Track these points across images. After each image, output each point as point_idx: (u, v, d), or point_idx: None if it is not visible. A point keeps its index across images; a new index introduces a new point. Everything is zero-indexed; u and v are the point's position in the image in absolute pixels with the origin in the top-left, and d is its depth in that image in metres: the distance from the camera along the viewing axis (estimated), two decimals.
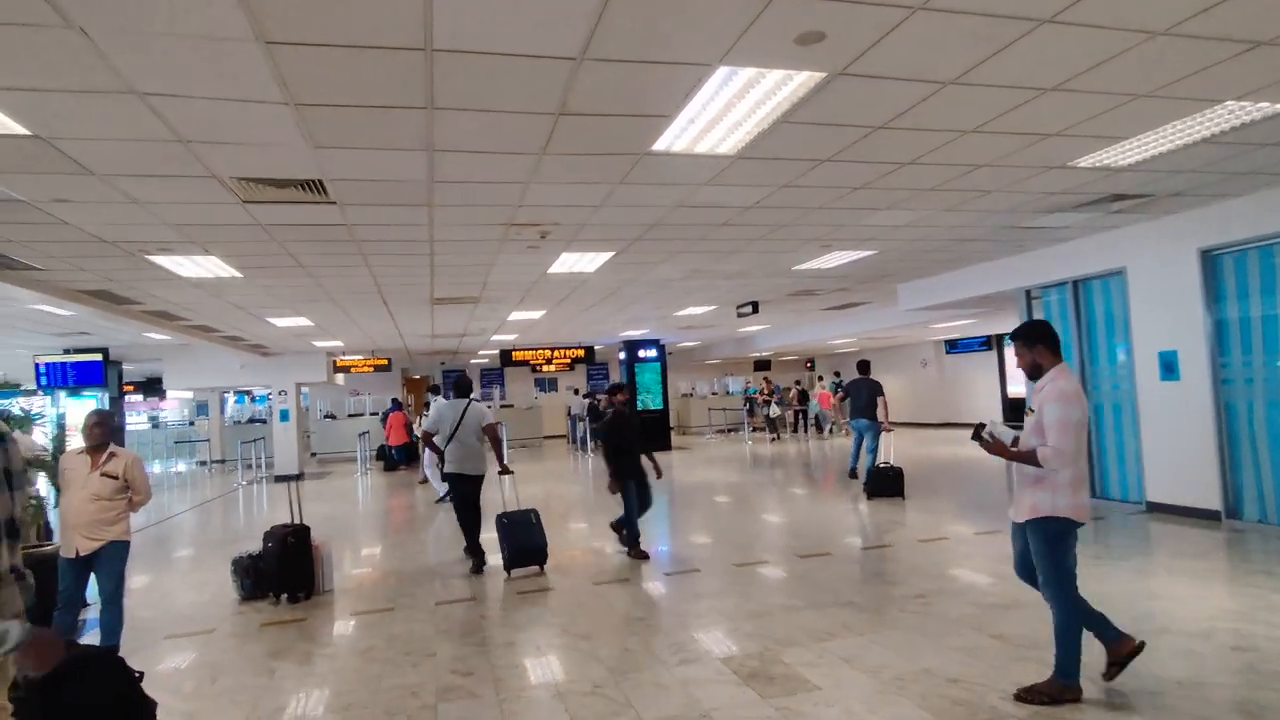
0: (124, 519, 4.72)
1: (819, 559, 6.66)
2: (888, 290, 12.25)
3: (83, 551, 4.54)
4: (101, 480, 4.57)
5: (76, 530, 4.53)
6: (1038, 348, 3.61)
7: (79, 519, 4.53)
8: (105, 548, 4.57)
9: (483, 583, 6.46)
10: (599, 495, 11.49)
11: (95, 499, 4.54)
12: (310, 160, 4.41)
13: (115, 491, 4.61)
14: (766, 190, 5.72)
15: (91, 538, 4.54)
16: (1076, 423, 3.37)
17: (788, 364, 29.46)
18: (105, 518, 4.57)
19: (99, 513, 4.55)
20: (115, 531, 4.62)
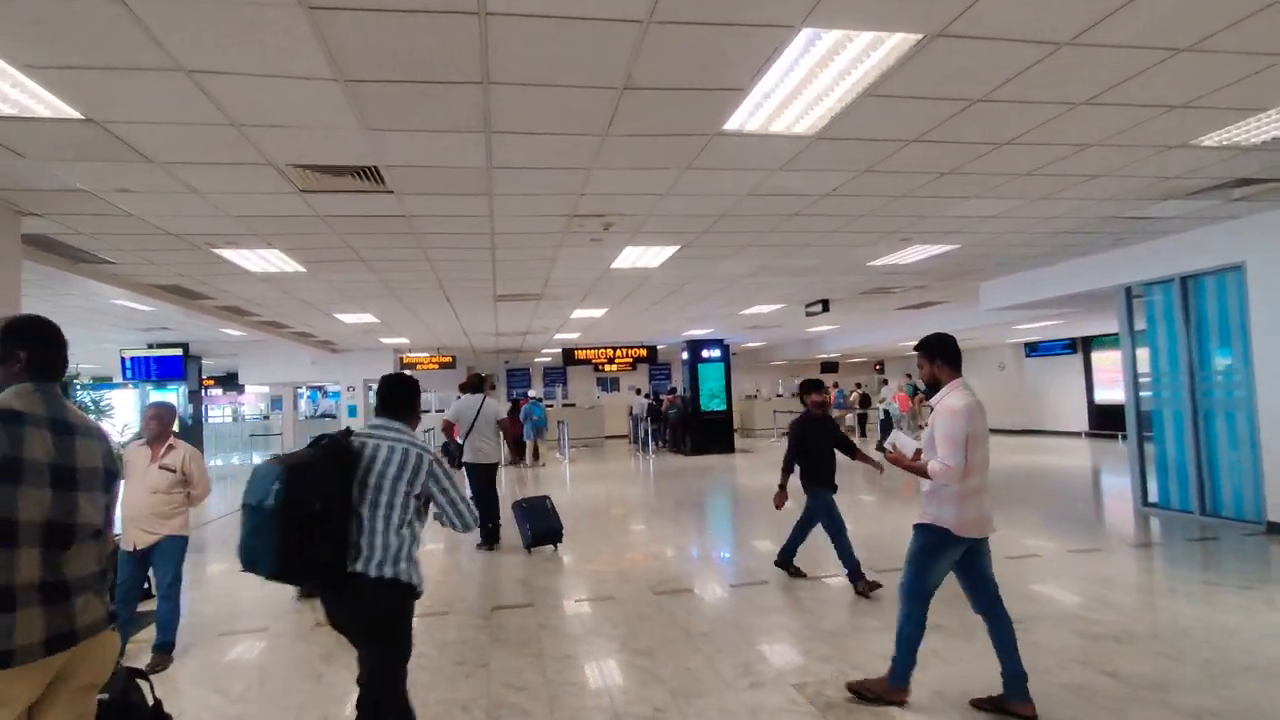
0: (181, 513, 4.66)
1: (896, 574, 6.16)
2: (968, 289, 11.57)
3: (139, 545, 4.50)
4: (159, 473, 4.52)
5: (134, 523, 4.49)
6: (937, 361, 3.64)
7: (137, 511, 4.49)
8: (162, 542, 4.52)
9: (541, 588, 6.21)
10: (661, 497, 11.19)
11: (153, 492, 4.49)
12: (365, 144, 4.23)
13: (172, 485, 4.55)
14: (844, 176, 5.30)
15: (148, 531, 4.49)
16: (962, 438, 3.40)
17: (856, 366, 28.58)
18: (162, 511, 4.51)
19: (156, 506, 4.50)
20: (172, 526, 4.56)
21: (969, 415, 3.45)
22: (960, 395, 3.52)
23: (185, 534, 4.71)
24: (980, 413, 3.54)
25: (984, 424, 3.55)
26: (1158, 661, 4.07)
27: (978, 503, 3.52)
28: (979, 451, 3.49)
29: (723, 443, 18.61)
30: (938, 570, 3.63)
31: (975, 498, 3.51)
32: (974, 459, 3.45)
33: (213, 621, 5.68)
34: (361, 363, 18.61)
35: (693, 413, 18.86)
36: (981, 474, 3.54)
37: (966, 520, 3.49)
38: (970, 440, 3.43)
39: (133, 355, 15.51)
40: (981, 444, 3.52)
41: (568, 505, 10.66)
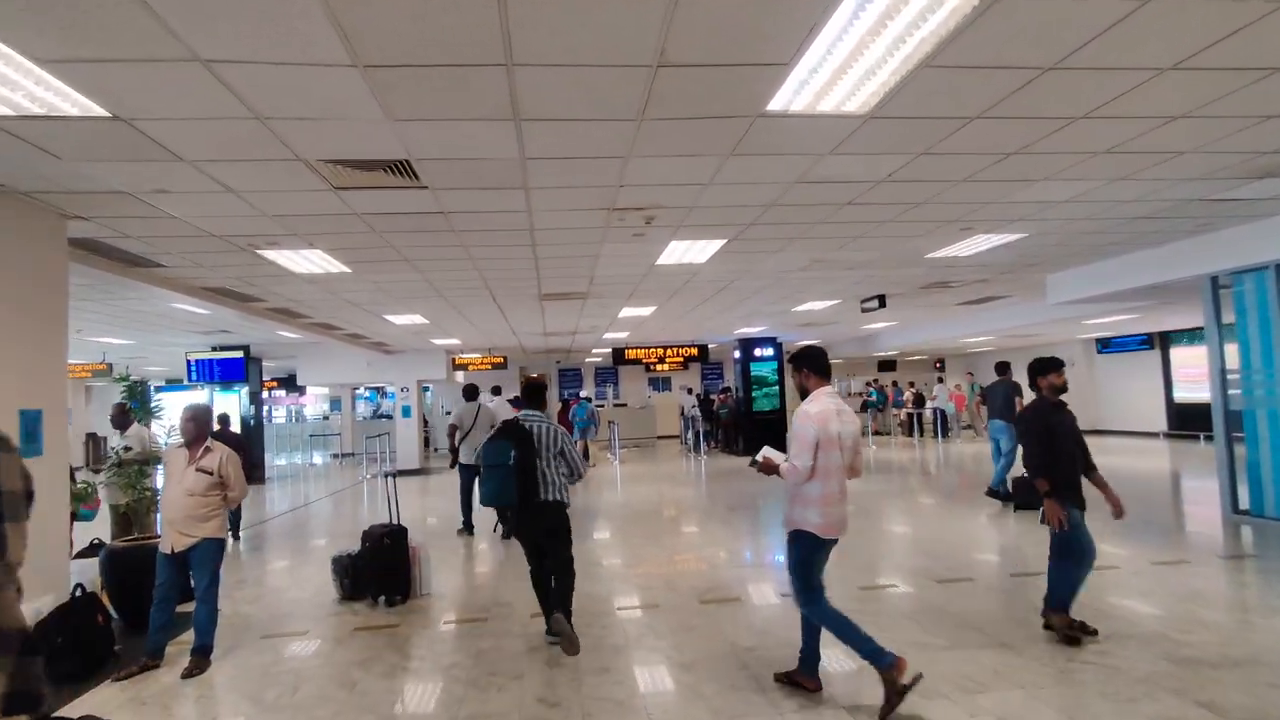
0: (218, 516, 4.63)
1: (959, 585, 5.80)
2: (1033, 282, 10.95)
3: (177, 548, 4.48)
4: (196, 476, 4.50)
5: (172, 525, 4.48)
6: (804, 370, 3.87)
7: (174, 514, 4.48)
8: (198, 545, 4.49)
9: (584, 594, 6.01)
10: (713, 500, 10.90)
11: (189, 494, 4.47)
12: (392, 136, 4.09)
13: (209, 487, 4.52)
14: (900, 160, 4.95)
15: (185, 533, 4.47)
16: (811, 441, 3.59)
17: (914, 365, 27.69)
18: (198, 514, 4.48)
19: (193, 508, 4.47)
20: (208, 529, 4.53)
21: (821, 420, 3.65)
22: (818, 402, 3.74)
23: (221, 537, 4.67)
24: (837, 419, 3.69)
25: (844, 429, 3.71)
26: (1262, 692, 3.63)
27: (839, 506, 3.72)
28: (832, 455, 3.66)
29: (777, 443, 18.08)
30: (817, 570, 3.85)
31: (837, 502, 3.71)
32: (825, 462, 3.64)
33: (257, 623, 5.66)
34: (415, 364, 18.80)
35: (745, 412, 18.49)
36: (839, 478, 3.71)
37: (830, 523, 3.70)
38: (822, 444, 3.62)
39: (197, 358, 15.95)
40: (835, 448, 3.67)
41: (616, 508, 10.48)
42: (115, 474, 6.51)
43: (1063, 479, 4.56)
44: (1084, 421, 14.55)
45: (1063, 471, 4.57)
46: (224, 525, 4.70)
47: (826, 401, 3.74)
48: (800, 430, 3.66)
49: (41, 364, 5.08)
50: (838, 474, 3.69)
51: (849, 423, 3.77)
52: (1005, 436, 9.35)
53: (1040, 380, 4.82)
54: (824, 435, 3.63)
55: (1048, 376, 4.79)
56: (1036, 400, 4.84)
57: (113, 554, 5.63)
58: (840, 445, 3.69)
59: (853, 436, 3.77)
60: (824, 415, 3.67)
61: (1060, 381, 4.79)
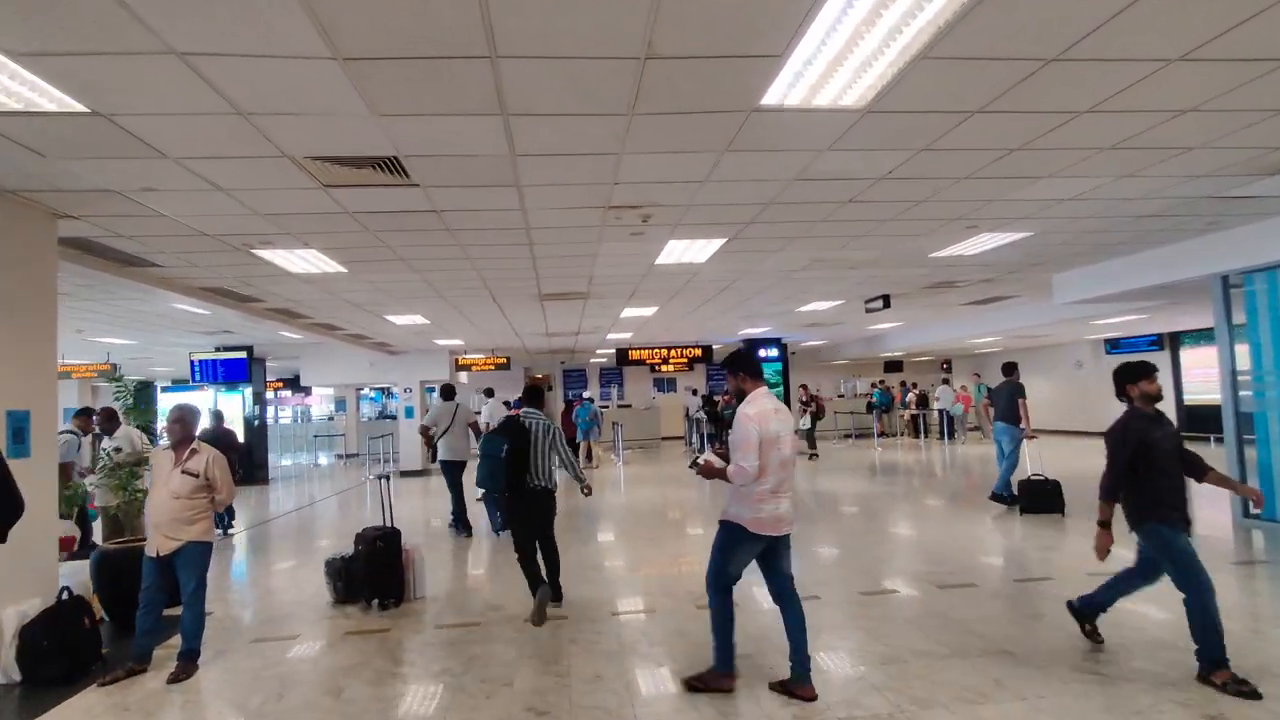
0: (204, 519, 4.56)
1: (962, 591, 5.68)
2: (1040, 282, 10.81)
3: (162, 551, 4.42)
4: (182, 478, 4.42)
5: (158, 529, 4.42)
6: (740, 374, 3.98)
7: (160, 516, 4.41)
8: (184, 548, 4.42)
9: (579, 598, 5.92)
10: (715, 501, 10.79)
11: (175, 497, 4.40)
12: (379, 133, 4.01)
13: (195, 490, 4.44)
14: (901, 156, 4.85)
15: (171, 537, 4.40)
16: (754, 442, 3.69)
17: (921, 365, 27.52)
18: (184, 517, 4.41)
19: (178, 511, 4.40)
20: (194, 531, 4.46)
21: (760, 420, 3.73)
22: (755, 404, 3.83)
23: (208, 540, 4.60)
24: (774, 418, 3.78)
25: (780, 428, 3.79)
26: (1275, 705, 3.51)
27: (774, 504, 3.79)
28: (773, 454, 3.74)
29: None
30: (737, 563, 3.89)
31: (772, 499, 3.78)
32: (767, 461, 3.72)
33: (248, 626, 5.59)
34: (418, 364, 18.76)
35: None
36: (778, 475, 3.78)
37: (762, 519, 3.78)
38: (764, 443, 3.71)
39: (200, 358, 15.94)
40: (775, 447, 3.75)
41: (618, 510, 10.38)
42: (106, 476, 6.46)
43: (1156, 498, 4.06)
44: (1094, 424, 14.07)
45: (1162, 492, 4.05)
46: (211, 528, 4.62)
47: (764, 402, 3.85)
48: (743, 432, 3.74)
49: (30, 364, 5.03)
50: (775, 472, 3.78)
51: (785, 421, 3.88)
52: (1008, 439, 9.21)
53: (1130, 388, 4.17)
54: (765, 434, 3.73)
55: (1138, 384, 4.14)
56: (1129, 412, 4.17)
57: (103, 556, 5.57)
58: (779, 443, 3.79)
59: (790, 434, 3.89)
60: (763, 415, 3.77)
61: (1154, 389, 4.15)
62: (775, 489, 3.79)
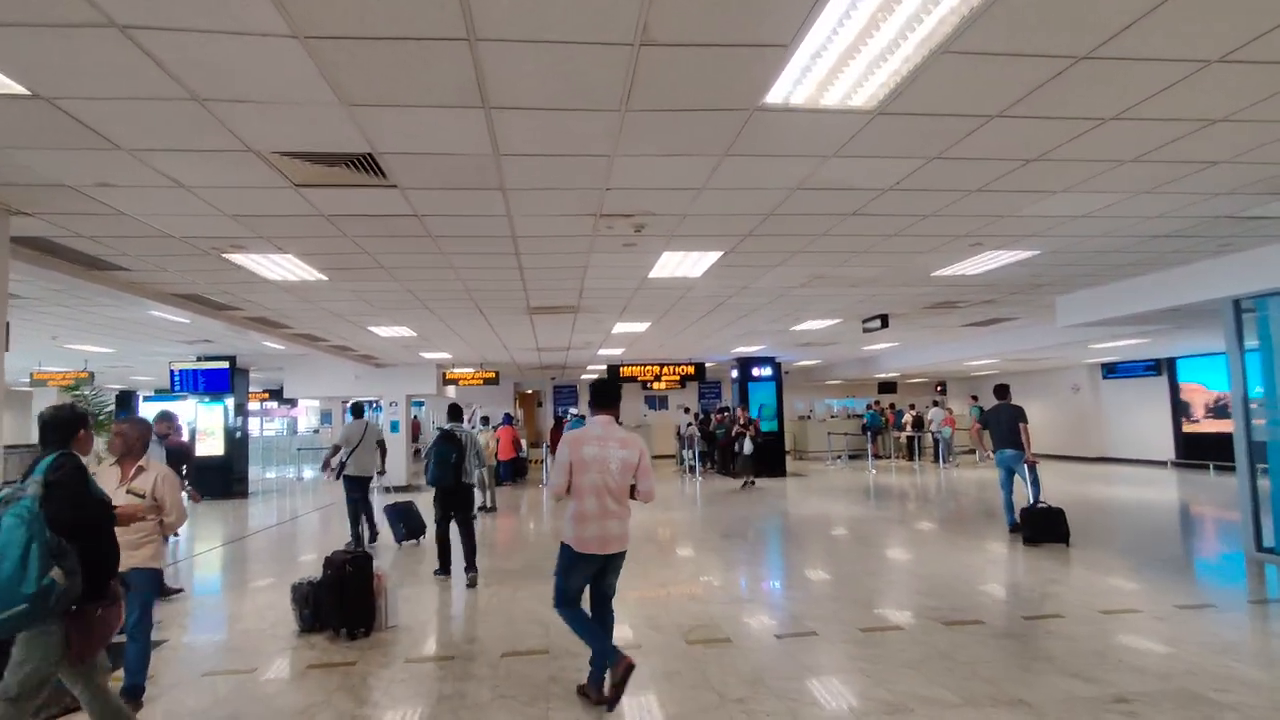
0: (151, 543, 4.16)
1: (968, 629, 5.33)
2: (1041, 304, 10.57)
3: None
4: (126, 498, 4.03)
5: None
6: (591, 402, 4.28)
7: None
8: (128, 575, 4.01)
9: (561, 631, 5.54)
10: (706, 526, 10.43)
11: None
12: (350, 126, 3.70)
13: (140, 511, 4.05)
14: (911, 165, 4.56)
15: None
16: (565, 464, 4.00)
17: (916, 387, 27.28)
18: (128, 540, 4.00)
19: (121, 534, 3.99)
20: (140, 557, 4.06)
21: (575, 444, 4.02)
22: (583, 429, 4.14)
23: (155, 566, 4.21)
24: (595, 444, 4.03)
25: (605, 453, 4.02)
26: None
27: (595, 524, 4.00)
28: (585, 476, 3.98)
29: (774, 465, 17.72)
30: (573, 580, 4.09)
31: (591, 520, 4.00)
32: (579, 482, 3.99)
33: (200, 657, 5.20)
34: (405, 378, 18.38)
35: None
36: (595, 497, 3.99)
37: (583, 538, 4.00)
38: (575, 466, 3.99)
39: (181, 368, 15.54)
40: (589, 471, 3.98)
41: None
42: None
43: None
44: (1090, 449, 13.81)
45: None
46: (159, 553, 4.23)
47: (591, 428, 4.12)
48: (558, 454, 4.08)
49: None
50: (592, 494, 3.98)
51: (615, 449, 4.04)
52: (1018, 464, 8.87)
53: None
54: (575, 458, 3.99)
55: None
56: None
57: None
58: (597, 468, 3.98)
59: (620, 461, 4.03)
60: (579, 440, 4.04)
61: None
62: (598, 511, 4.00)
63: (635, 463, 4.10)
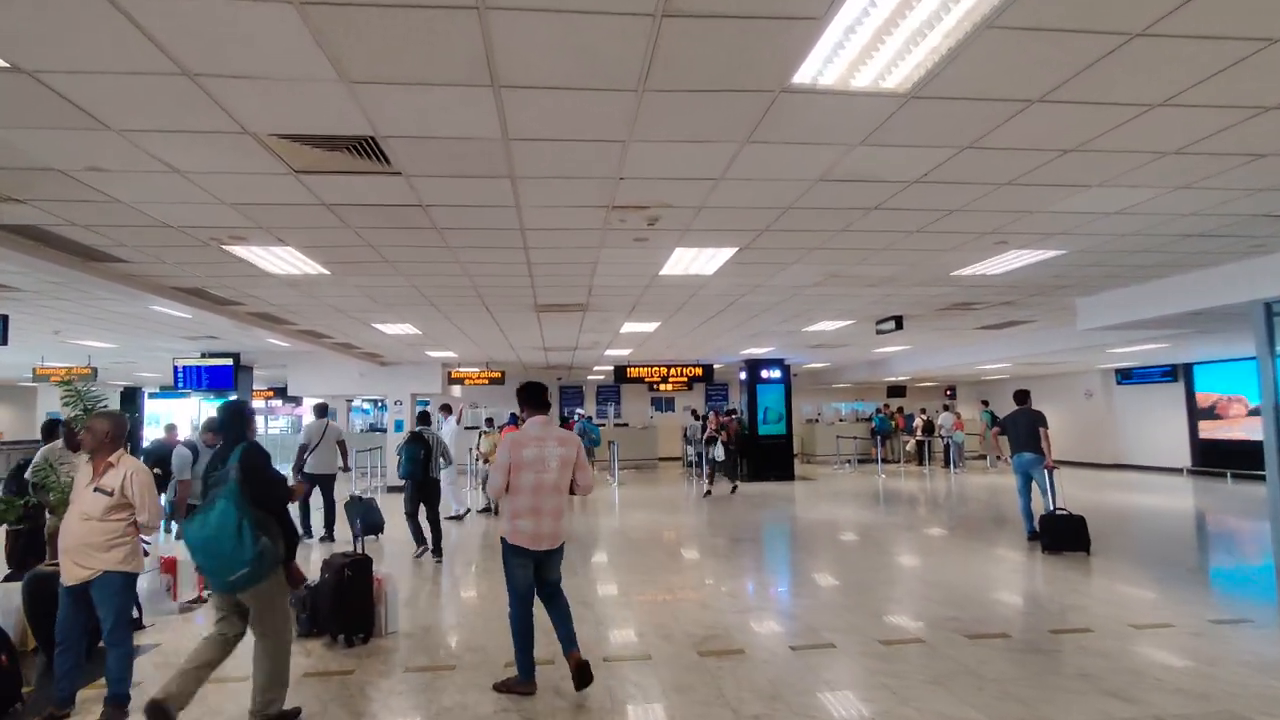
0: (123, 544, 3.90)
1: (993, 642, 5.10)
2: (1061, 306, 10.30)
3: (69, 580, 3.81)
4: (93, 496, 3.82)
5: (66, 554, 3.81)
6: (521, 403, 4.49)
7: (68, 540, 3.81)
8: (99, 579, 3.80)
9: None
10: (714, 530, 10.19)
11: (85, 518, 3.80)
12: (351, 105, 3.49)
13: (109, 510, 3.83)
14: (940, 155, 4.34)
15: (81, 564, 3.79)
16: (504, 464, 4.21)
17: (925, 391, 26.99)
18: (96, 541, 3.80)
19: (90, 535, 3.80)
20: (109, 560, 3.83)
21: (511, 446, 4.25)
22: (520, 429, 4.36)
23: (126, 569, 3.93)
24: (530, 444, 4.24)
25: (543, 452, 4.23)
26: None
27: (529, 521, 4.21)
28: (522, 475, 4.19)
29: (782, 469, 17.49)
30: (516, 575, 4.27)
31: (525, 516, 4.20)
32: (516, 481, 4.19)
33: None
34: (409, 376, 18.20)
35: (750, 436, 17.81)
36: (531, 497, 4.20)
37: (518, 533, 4.21)
38: (513, 465, 4.20)
39: (185, 364, 15.38)
40: (526, 470, 4.19)
41: (611, 536, 9.78)
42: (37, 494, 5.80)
43: None
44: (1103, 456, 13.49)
45: None
46: (134, 555, 3.97)
47: (528, 429, 4.33)
48: (498, 454, 4.31)
49: None
50: (528, 493, 4.19)
51: (554, 446, 4.27)
52: (1039, 470, 8.62)
53: None
54: (515, 458, 4.20)
55: None
56: None
57: (36, 579, 4.96)
58: (534, 468, 4.20)
59: (560, 458, 4.26)
60: (518, 441, 4.25)
61: None
62: (532, 508, 4.20)
63: (574, 458, 4.32)
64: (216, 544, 3.52)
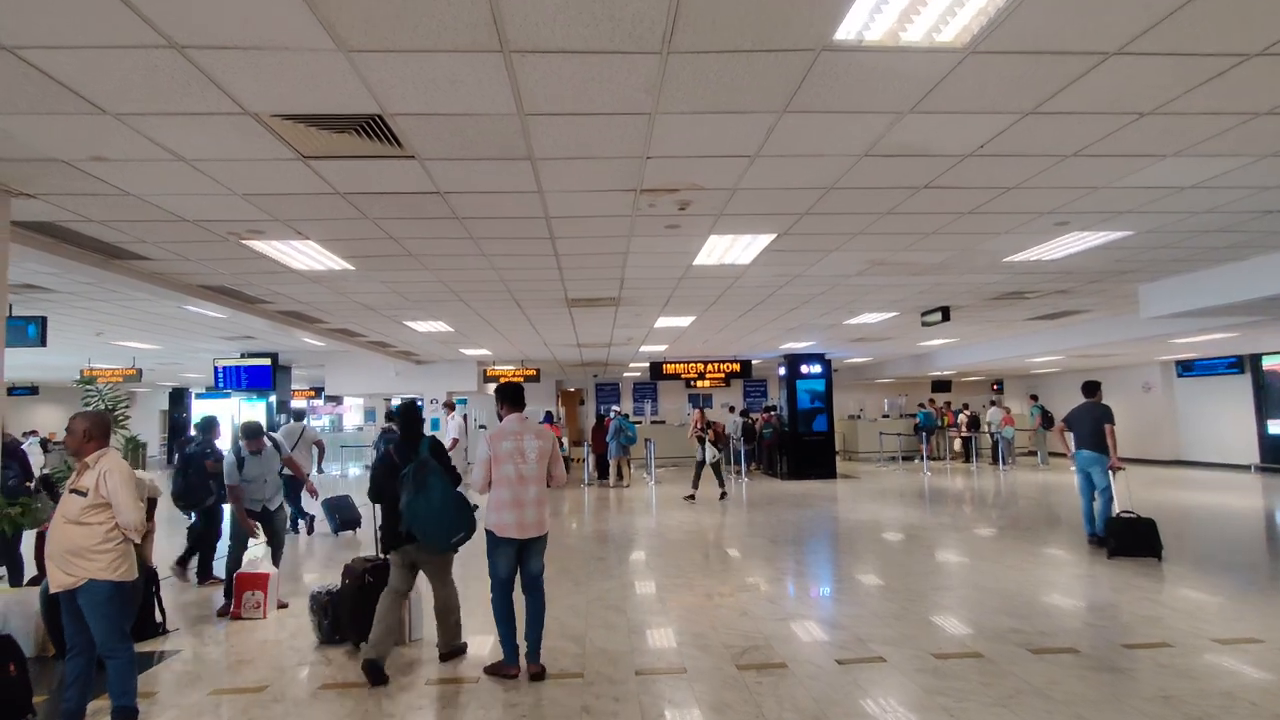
0: (108, 551, 3.64)
1: (1061, 659, 4.66)
2: (1121, 294, 9.71)
3: (54, 587, 3.64)
4: (70, 498, 3.63)
5: (51, 560, 3.64)
6: (500, 402, 4.70)
7: (52, 546, 3.64)
8: (84, 588, 3.60)
9: (597, 650, 5.03)
10: (754, 531, 9.82)
11: (64, 521, 3.62)
12: (354, 80, 3.24)
13: (84, 512, 3.61)
14: (1000, 123, 3.93)
15: (65, 571, 3.61)
16: (485, 459, 4.46)
17: (970, 386, 26.15)
18: (77, 547, 3.59)
19: (70, 540, 3.60)
20: (94, 567, 3.60)
21: (492, 441, 4.46)
22: (498, 425, 4.58)
23: (112, 579, 3.66)
24: (508, 439, 4.45)
25: (521, 445, 4.46)
26: None
27: (512, 512, 4.41)
28: (503, 468, 4.41)
29: (823, 467, 17.00)
30: (499, 564, 4.49)
31: (507, 508, 4.41)
32: (497, 475, 4.42)
33: (213, 671, 4.82)
34: (445, 375, 18.16)
35: (790, 433, 17.36)
36: (513, 488, 4.42)
37: (502, 524, 4.41)
38: (494, 459, 4.42)
39: (224, 365, 15.58)
40: (505, 463, 4.41)
41: (647, 537, 9.49)
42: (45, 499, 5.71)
43: None
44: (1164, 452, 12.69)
45: None
46: (120, 561, 3.69)
47: (506, 425, 4.54)
48: (479, 452, 4.53)
49: None
50: (508, 484, 4.41)
51: (531, 440, 4.50)
52: (1099, 470, 8.06)
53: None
54: (495, 452, 4.43)
55: None
56: None
57: None
58: (513, 460, 4.42)
59: (537, 450, 4.50)
60: (497, 437, 4.47)
61: None
62: (514, 500, 4.41)
63: (550, 450, 4.56)
64: (444, 514, 4.51)
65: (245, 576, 6.19)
